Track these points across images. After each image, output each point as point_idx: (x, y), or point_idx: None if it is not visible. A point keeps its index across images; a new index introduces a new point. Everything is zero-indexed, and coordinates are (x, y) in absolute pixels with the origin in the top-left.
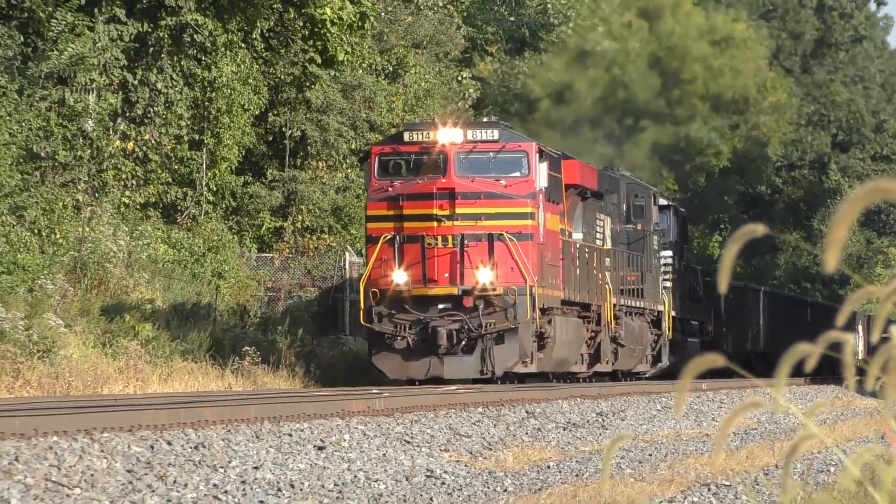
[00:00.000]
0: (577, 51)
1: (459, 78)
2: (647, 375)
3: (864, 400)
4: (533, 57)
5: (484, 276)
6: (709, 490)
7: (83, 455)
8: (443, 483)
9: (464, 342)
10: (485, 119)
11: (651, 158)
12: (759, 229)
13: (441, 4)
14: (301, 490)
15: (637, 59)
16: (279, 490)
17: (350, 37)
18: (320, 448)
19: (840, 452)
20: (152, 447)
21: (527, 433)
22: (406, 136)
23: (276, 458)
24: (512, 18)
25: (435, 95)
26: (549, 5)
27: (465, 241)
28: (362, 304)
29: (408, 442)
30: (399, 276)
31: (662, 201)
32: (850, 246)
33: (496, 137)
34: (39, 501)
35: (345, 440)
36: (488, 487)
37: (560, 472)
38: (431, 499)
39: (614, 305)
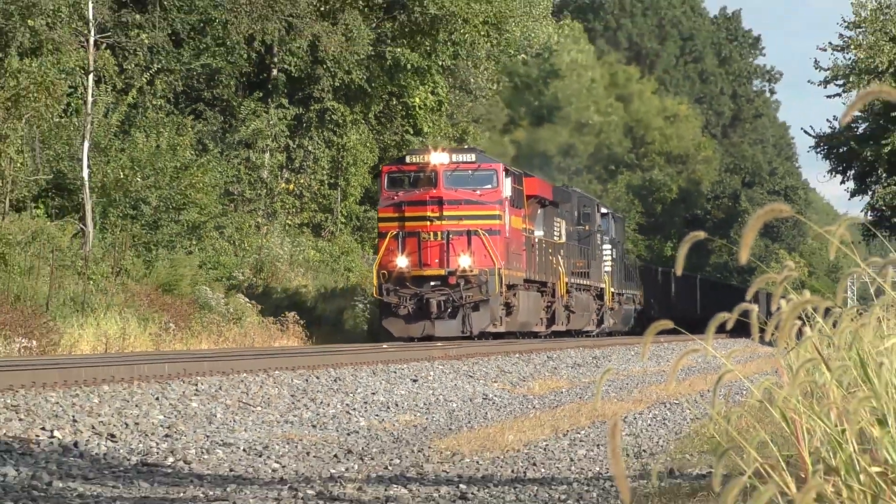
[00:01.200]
0: (577, 123)
1: (502, 143)
2: (594, 333)
3: (764, 348)
4: (549, 127)
5: (464, 261)
6: (665, 406)
7: (262, 385)
8: (493, 402)
9: (450, 310)
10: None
11: (626, 193)
12: (700, 235)
13: (490, 94)
14: (402, 407)
15: (616, 129)
16: (388, 408)
17: (432, 115)
18: (414, 380)
19: (748, 382)
20: (307, 380)
21: (547, 370)
22: (408, 159)
23: (386, 387)
24: (536, 103)
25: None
26: (559, 94)
27: (450, 236)
28: (374, 282)
29: (471, 376)
30: (402, 261)
31: (604, 210)
32: (755, 248)
33: (474, 159)
34: (234, 414)
35: (430, 375)
36: (523, 405)
37: (569, 395)
38: (486, 413)
39: (567, 283)
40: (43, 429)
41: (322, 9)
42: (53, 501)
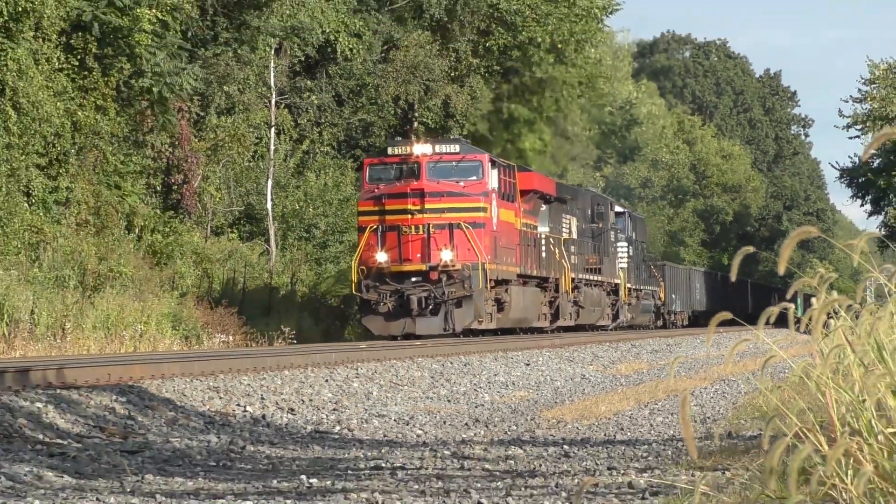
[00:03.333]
0: (652, 161)
1: (594, 177)
2: (609, 328)
3: (802, 336)
4: (630, 164)
5: (446, 255)
6: (724, 382)
7: (408, 369)
8: (589, 381)
9: (431, 306)
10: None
11: (691, 217)
12: (749, 249)
13: (584, 139)
14: (517, 385)
15: (683, 166)
16: (506, 386)
17: (539, 157)
18: (527, 364)
19: (790, 362)
20: (443, 365)
21: (631, 355)
22: (390, 150)
23: (504, 370)
24: (620, 145)
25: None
26: (638, 138)
27: (432, 229)
28: (354, 278)
29: (571, 360)
30: (381, 256)
31: (619, 209)
32: (794, 257)
33: (458, 150)
34: (386, 392)
35: (539, 360)
36: (613, 383)
37: (649, 375)
38: (584, 389)
39: (574, 279)
40: (238, 405)
41: (452, 74)
42: (247, 461)
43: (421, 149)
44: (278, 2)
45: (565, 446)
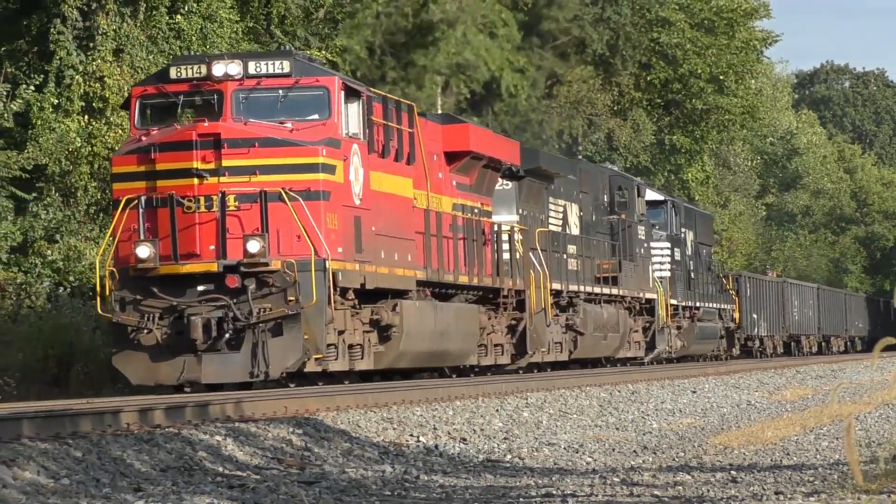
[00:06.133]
0: (814, 189)
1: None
2: (646, 360)
3: None
4: (792, 193)
5: (253, 246)
6: (889, 407)
7: (577, 398)
8: (755, 407)
9: (228, 335)
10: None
11: (853, 243)
12: None
13: (746, 169)
14: (684, 412)
15: (844, 193)
16: (673, 413)
17: (701, 187)
18: (693, 392)
19: None
20: (610, 393)
21: (796, 381)
22: (173, 73)
23: (672, 397)
24: (781, 174)
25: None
26: (799, 167)
27: (232, 202)
28: (98, 290)
29: (736, 387)
30: (144, 250)
31: (656, 196)
32: None
33: (287, 71)
34: (555, 421)
35: (706, 387)
36: (778, 408)
37: (814, 400)
38: (750, 415)
39: (559, 291)
40: (411, 435)
41: (615, 108)
42: (421, 490)
43: (224, 68)
44: (444, 41)
45: (732, 472)
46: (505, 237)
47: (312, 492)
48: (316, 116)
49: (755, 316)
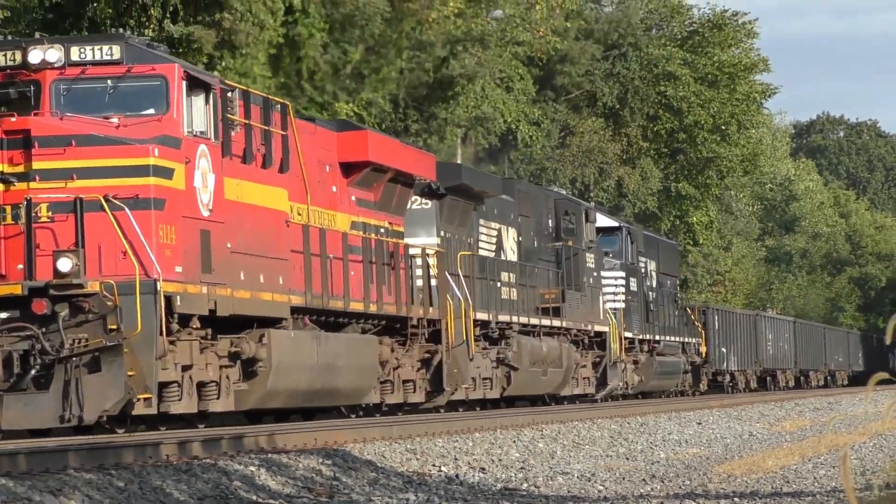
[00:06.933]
0: (811, 233)
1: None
2: (598, 398)
3: None
4: (790, 236)
5: (65, 264)
6: (882, 437)
7: (589, 429)
8: (756, 438)
9: (35, 371)
10: None
11: (848, 283)
12: None
13: (747, 213)
14: (690, 443)
15: (839, 236)
16: (680, 443)
17: (705, 231)
18: (699, 423)
19: None
20: (621, 425)
21: (795, 413)
22: None
23: (678, 429)
24: (780, 218)
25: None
26: (797, 212)
27: (44, 211)
28: None
29: (739, 419)
30: None
31: (609, 222)
32: None
33: (117, 57)
34: (569, 451)
35: (710, 419)
36: (779, 439)
37: (811, 431)
38: (751, 445)
39: (487, 322)
40: (433, 465)
41: (624, 157)
42: None
43: (42, 54)
44: (464, 95)
45: (736, 499)
46: (419, 261)
47: None
48: (151, 111)
49: (724, 350)
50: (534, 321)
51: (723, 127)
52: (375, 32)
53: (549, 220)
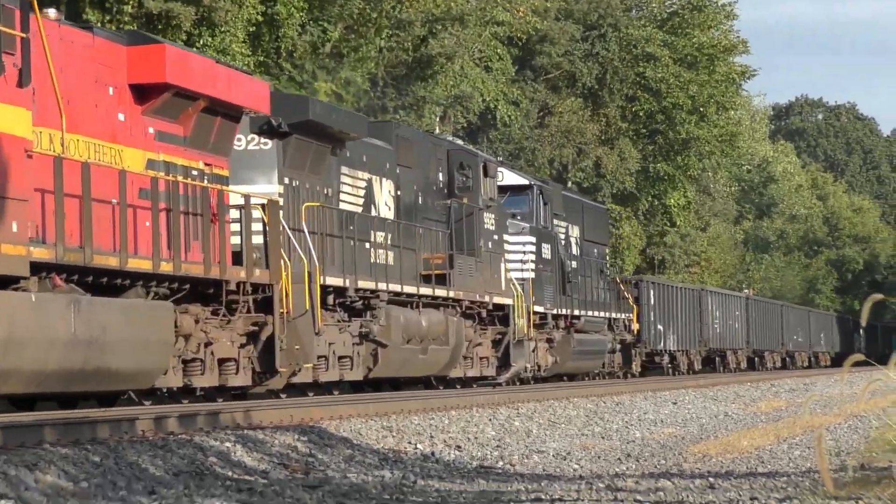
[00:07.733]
0: (788, 215)
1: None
2: (501, 381)
3: None
4: (768, 219)
5: None
6: (857, 418)
7: (565, 408)
8: (732, 418)
9: None
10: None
11: (825, 265)
12: (878, 296)
13: (725, 195)
14: (665, 422)
15: (816, 219)
16: (655, 423)
17: (683, 212)
18: (674, 403)
19: None
20: (596, 404)
21: (770, 394)
22: None
23: (653, 408)
24: (758, 201)
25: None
26: (774, 194)
27: None
28: None
29: (715, 399)
30: None
31: (518, 179)
32: None
33: None
34: (545, 430)
35: (686, 399)
36: (754, 419)
37: (787, 412)
38: (727, 425)
39: (342, 289)
40: (409, 443)
41: (603, 137)
42: (418, 494)
43: None
44: (443, 74)
45: (710, 479)
46: (236, 213)
47: (316, 495)
48: None
49: (661, 327)
50: (410, 290)
51: (701, 108)
52: (355, 11)
53: (440, 174)
